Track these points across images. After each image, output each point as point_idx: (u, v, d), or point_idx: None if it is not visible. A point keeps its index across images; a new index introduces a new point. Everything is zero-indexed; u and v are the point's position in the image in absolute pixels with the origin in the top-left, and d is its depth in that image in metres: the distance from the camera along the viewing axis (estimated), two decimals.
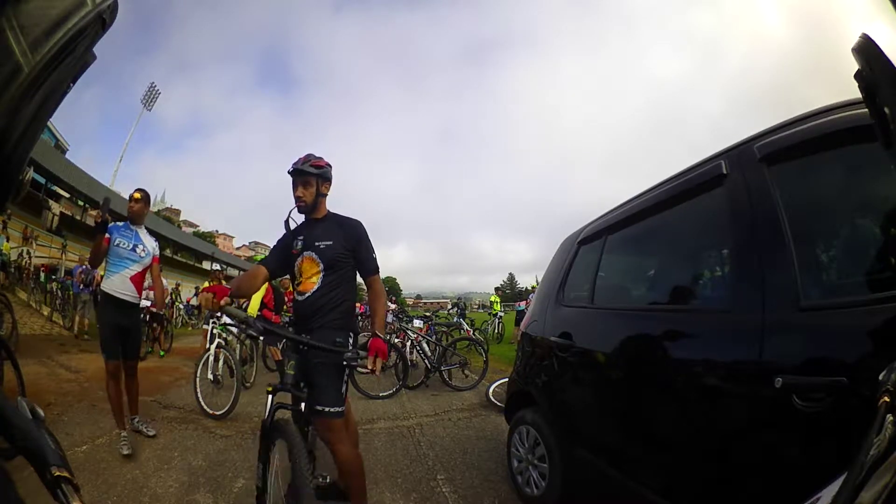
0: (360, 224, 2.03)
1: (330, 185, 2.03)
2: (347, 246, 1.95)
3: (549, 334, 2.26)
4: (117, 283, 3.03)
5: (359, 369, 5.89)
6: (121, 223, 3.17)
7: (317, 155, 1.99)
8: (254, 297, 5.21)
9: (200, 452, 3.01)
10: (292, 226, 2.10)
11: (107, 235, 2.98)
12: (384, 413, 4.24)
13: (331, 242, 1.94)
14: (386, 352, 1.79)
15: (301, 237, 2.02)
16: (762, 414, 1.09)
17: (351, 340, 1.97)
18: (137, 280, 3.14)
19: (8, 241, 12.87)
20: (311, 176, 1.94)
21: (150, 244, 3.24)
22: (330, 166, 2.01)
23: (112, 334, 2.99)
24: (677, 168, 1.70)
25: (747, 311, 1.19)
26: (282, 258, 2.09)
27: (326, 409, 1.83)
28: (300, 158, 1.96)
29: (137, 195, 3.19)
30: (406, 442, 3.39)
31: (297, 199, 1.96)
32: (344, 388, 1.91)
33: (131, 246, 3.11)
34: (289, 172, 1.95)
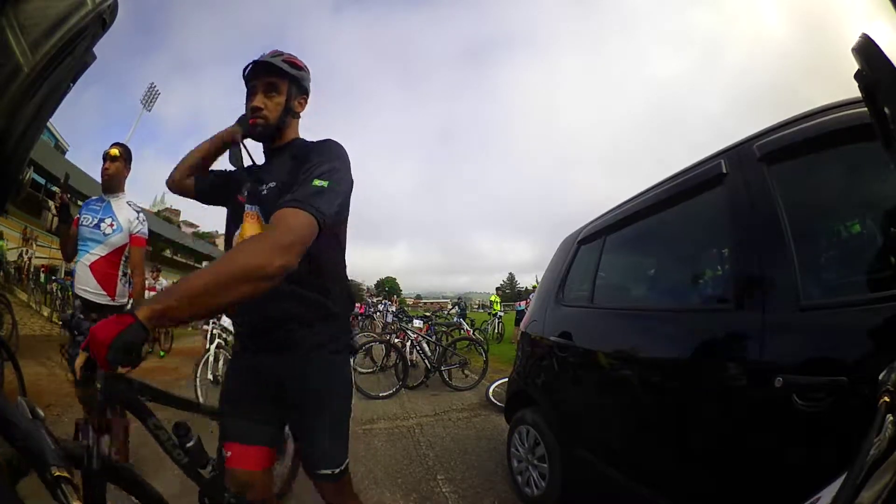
0: (331, 143, 1.17)
1: (306, 102, 1.28)
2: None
3: (549, 334, 2.26)
4: (80, 276, 2.20)
5: (359, 369, 5.91)
6: (95, 196, 2.37)
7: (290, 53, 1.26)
8: None
9: None
10: (247, 161, 1.29)
11: (77, 216, 2.27)
12: (384, 413, 4.24)
13: (274, 184, 1.16)
14: (104, 339, 0.73)
15: (249, 182, 1.24)
16: (762, 413, 1.09)
17: (353, 360, 1.29)
18: (102, 269, 2.20)
19: (2, 238, 12.83)
20: (281, 77, 1.19)
21: (125, 217, 2.28)
22: (308, 72, 1.28)
23: (77, 348, 2.12)
24: (677, 168, 1.70)
25: (747, 310, 1.19)
26: (220, 185, 1.34)
27: (334, 472, 1.16)
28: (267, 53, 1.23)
29: (114, 151, 2.25)
30: (406, 442, 3.39)
31: (254, 111, 1.18)
32: (349, 429, 1.24)
33: (95, 221, 2.23)
34: (244, 74, 1.21)
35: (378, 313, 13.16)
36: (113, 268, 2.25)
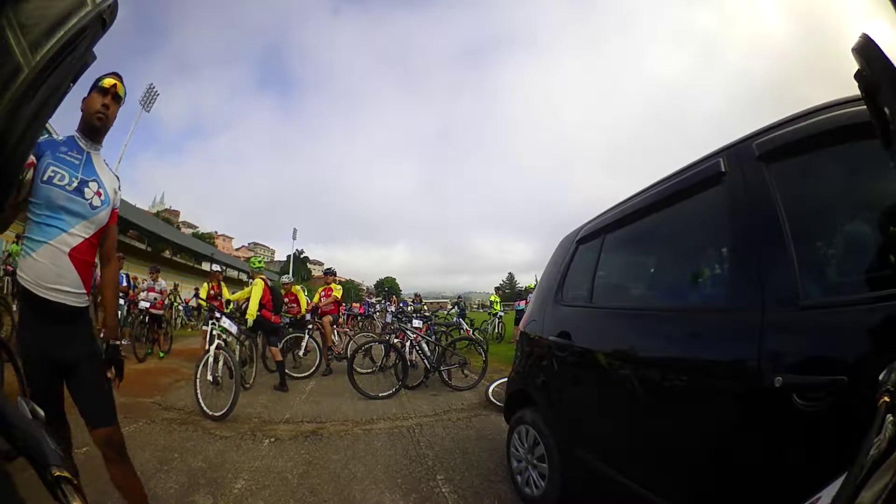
0: None
1: None
2: None
3: (548, 334, 2.26)
4: (44, 267, 1.45)
5: (359, 369, 5.91)
6: (61, 137, 1.58)
7: None
8: (252, 297, 5.22)
9: (200, 454, 3.00)
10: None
11: (30, 159, 1.42)
12: (384, 413, 4.24)
13: None
14: None
15: None
16: (762, 413, 1.09)
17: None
18: (84, 258, 1.54)
19: (17, 242, 12.79)
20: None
21: (110, 184, 1.64)
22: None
23: (40, 376, 1.50)
24: (677, 167, 1.70)
25: (747, 309, 1.19)
26: None
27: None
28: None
29: (121, 89, 1.61)
30: (406, 442, 3.39)
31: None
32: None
33: (74, 183, 1.51)
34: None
35: (377, 313, 13.18)
36: (93, 256, 1.61)
